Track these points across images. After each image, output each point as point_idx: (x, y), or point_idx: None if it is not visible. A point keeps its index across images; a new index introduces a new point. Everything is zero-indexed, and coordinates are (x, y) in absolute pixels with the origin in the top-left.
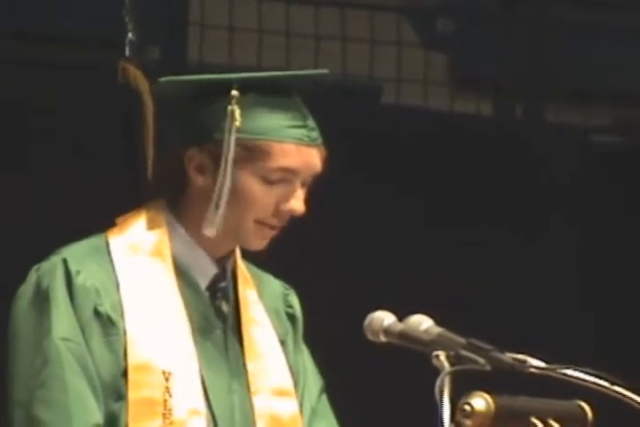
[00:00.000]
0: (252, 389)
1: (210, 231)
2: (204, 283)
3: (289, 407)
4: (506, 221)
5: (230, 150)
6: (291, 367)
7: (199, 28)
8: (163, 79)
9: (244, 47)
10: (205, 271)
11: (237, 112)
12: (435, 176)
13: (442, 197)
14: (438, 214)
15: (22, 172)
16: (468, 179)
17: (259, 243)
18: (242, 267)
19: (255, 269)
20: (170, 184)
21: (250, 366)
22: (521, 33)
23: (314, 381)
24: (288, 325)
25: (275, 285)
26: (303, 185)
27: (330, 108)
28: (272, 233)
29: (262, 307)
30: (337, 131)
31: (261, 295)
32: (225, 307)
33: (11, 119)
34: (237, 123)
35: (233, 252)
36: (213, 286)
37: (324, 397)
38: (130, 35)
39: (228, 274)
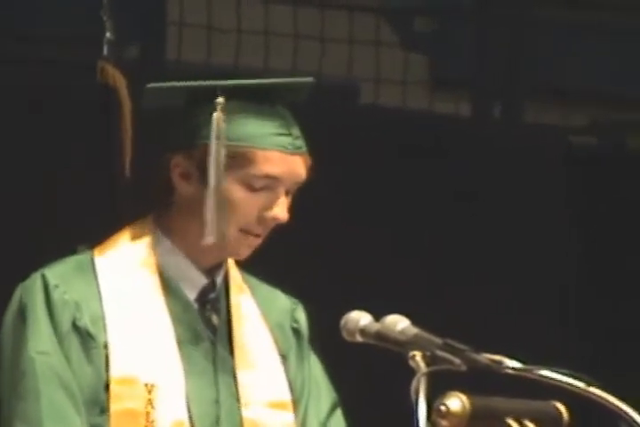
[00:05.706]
0: (243, 400)
1: (209, 240)
2: (192, 295)
3: (282, 420)
4: (482, 218)
5: (221, 155)
6: (290, 382)
7: (177, 28)
8: (149, 85)
9: (222, 46)
10: (194, 283)
11: (222, 118)
12: (411, 176)
13: (420, 199)
14: (411, 217)
15: (22, 172)
16: (447, 178)
17: (243, 251)
18: (236, 277)
19: (259, 283)
20: (155, 195)
21: (241, 378)
22: (499, 33)
23: (325, 396)
24: (292, 340)
25: (282, 299)
26: (287, 193)
27: (307, 109)
28: (256, 241)
29: (261, 319)
30: (315, 130)
31: (265, 309)
32: (215, 318)
33: (10, 119)
34: (223, 129)
35: (223, 262)
36: (202, 298)
37: (339, 412)
38: (108, 34)
39: (219, 285)
